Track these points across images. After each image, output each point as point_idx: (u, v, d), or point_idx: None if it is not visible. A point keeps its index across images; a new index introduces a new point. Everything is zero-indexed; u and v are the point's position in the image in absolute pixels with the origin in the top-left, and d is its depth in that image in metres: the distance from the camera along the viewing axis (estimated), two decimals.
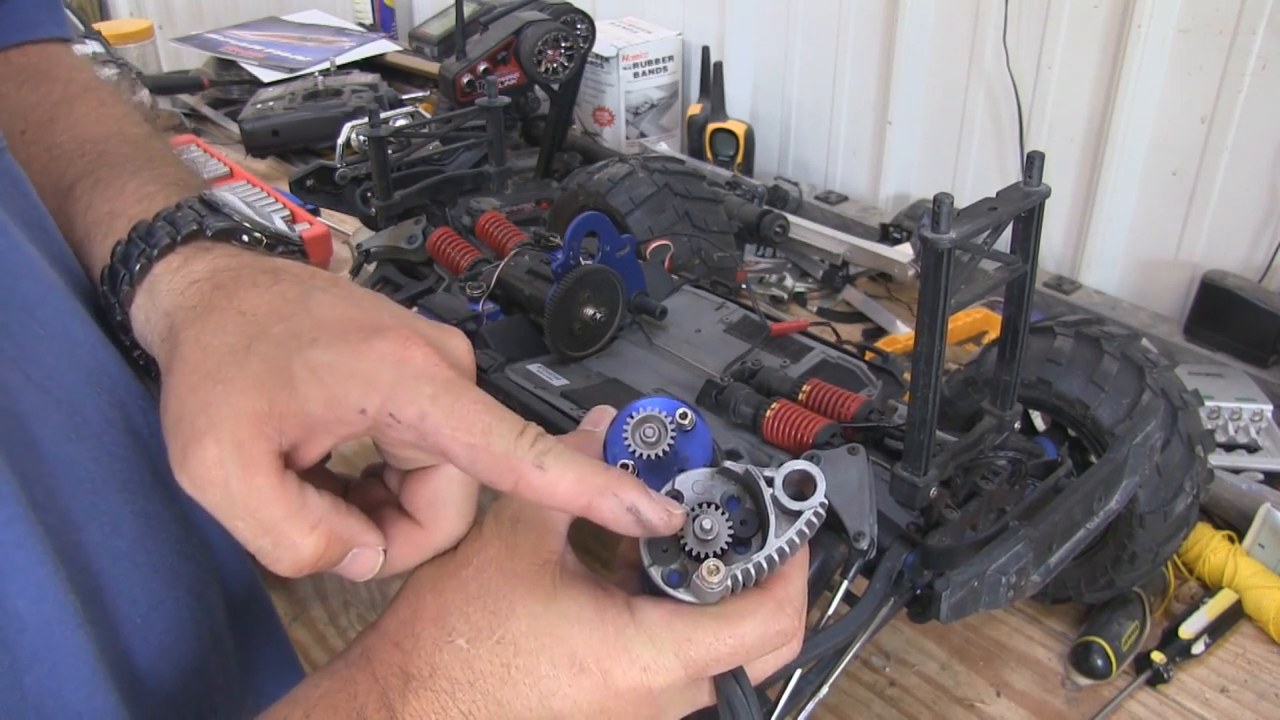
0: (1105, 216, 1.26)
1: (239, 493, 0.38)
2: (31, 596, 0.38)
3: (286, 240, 0.51)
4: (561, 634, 0.39)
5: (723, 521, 0.40)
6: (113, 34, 2.04)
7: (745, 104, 1.66)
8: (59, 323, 0.44)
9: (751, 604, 0.40)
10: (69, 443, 0.42)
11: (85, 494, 0.42)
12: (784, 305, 1.35)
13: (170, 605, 0.46)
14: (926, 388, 0.59)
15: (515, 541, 0.41)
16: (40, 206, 0.48)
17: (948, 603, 0.60)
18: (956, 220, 0.55)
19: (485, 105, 1.08)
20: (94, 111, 0.57)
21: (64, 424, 0.42)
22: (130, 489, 0.45)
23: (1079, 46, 1.23)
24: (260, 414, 0.38)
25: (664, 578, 0.40)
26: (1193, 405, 0.77)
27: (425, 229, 1.03)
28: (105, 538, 0.43)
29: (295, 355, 0.39)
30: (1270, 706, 0.80)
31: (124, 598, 0.43)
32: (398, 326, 0.40)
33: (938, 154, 1.45)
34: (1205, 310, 1.14)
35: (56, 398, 0.42)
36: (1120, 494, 0.69)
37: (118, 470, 0.44)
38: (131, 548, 0.44)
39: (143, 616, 0.44)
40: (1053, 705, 0.81)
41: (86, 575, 0.42)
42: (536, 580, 0.40)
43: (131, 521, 0.44)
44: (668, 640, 0.39)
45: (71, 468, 0.42)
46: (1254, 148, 1.12)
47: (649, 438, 0.42)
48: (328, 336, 0.39)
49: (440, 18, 2.05)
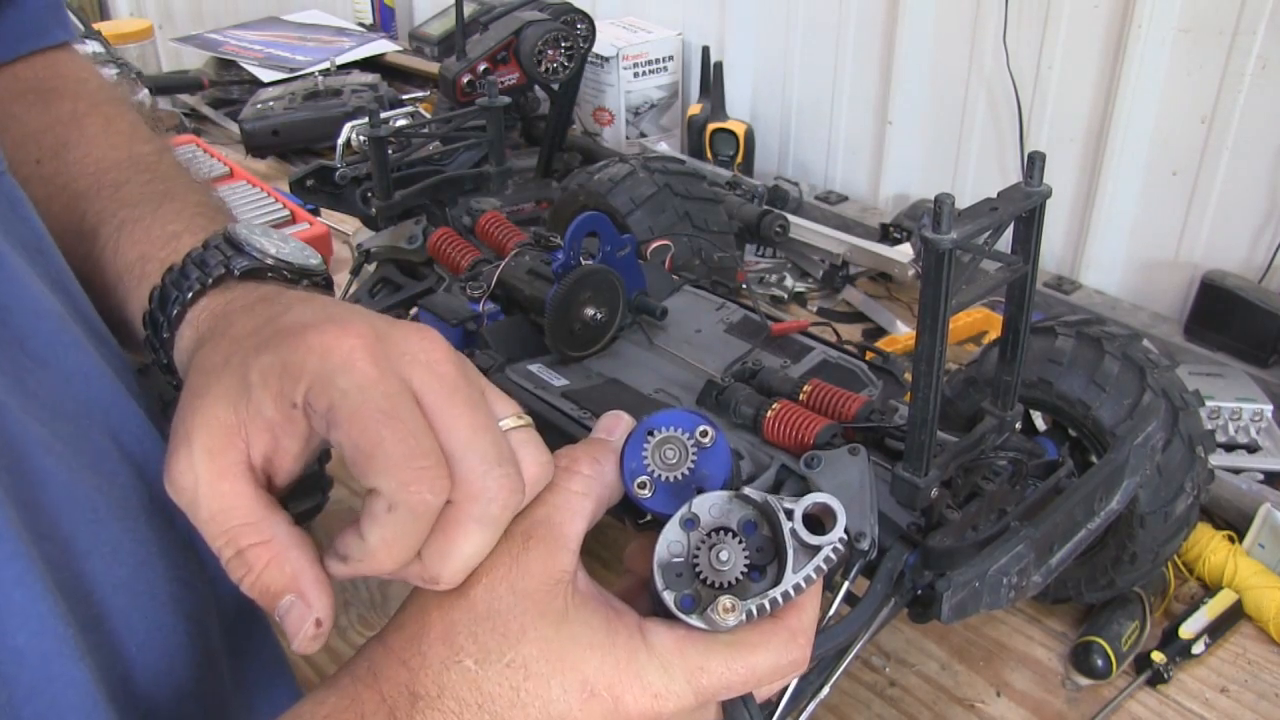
0: (1105, 216, 1.26)
1: (205, 496, 0.39)
2: (31, 631, 0.38)
3: (310, 274, 0.51)
4: (573, 659, 0.38)
5: (739, 552, 0.40)
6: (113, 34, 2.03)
7: (745, 104, 1.66)
8: (53, 352, 0.45)
9: (765, 634, 0.40)
10: (70, 472, 0.42)
11: (87, 523, 0.42)
12: (784, 305, 1.35)
13: (168, 631, 0.46)
14: (927, 388, 0.59)
15: (526, 559, 0.40)
16: (40, 229, 0.48)
17: (949, 603, 0.60)
18: (957, 220, 0.55)
19: (485, 105, 1.08)
20: (103, 132, 0.57)
21: (64, 453, 0.42)
22: (130, 516, 0.45)
23: (1079, 46, 1.23)
24: (229, 424, 0.39)
25: (677, 603, 0.39)
26: (1193, 406, 0.77)
27: (425, 229, 1.03)
28: (106, 567, 0.43)
29: (252, 362, 0.40)
30: (1270, 706, 0.80)
31: (123, 626, 0.43)
32: (341, 322, 0.40)
33: (938, 154, 1.45)
34: (1205, 310, 1.14)
35: (54, 428, 0.43)
36: (1121, 494, 0.69)
37: (117, 497, 0.45)
38: (131, 577, 0.44)
39: (140, 644, 0.44)
40: (1053, 705, 0.81)
41: (86, 605, 0.42)
42: (548, 602, 0.39)
43: (131, 549, 0.44)
44: (680, 668, 0.39)
45: (73, 497, 0.42)
46: (1254, 148, 1.12)
47: (669, 460, 0.42)
48: (277, 339, 0.40)
49: (440, 18, 2.05)
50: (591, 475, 0.42)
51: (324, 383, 0.38)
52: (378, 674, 0.39)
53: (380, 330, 0.40)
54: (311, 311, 0.42)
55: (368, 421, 0.37)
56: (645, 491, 0.42)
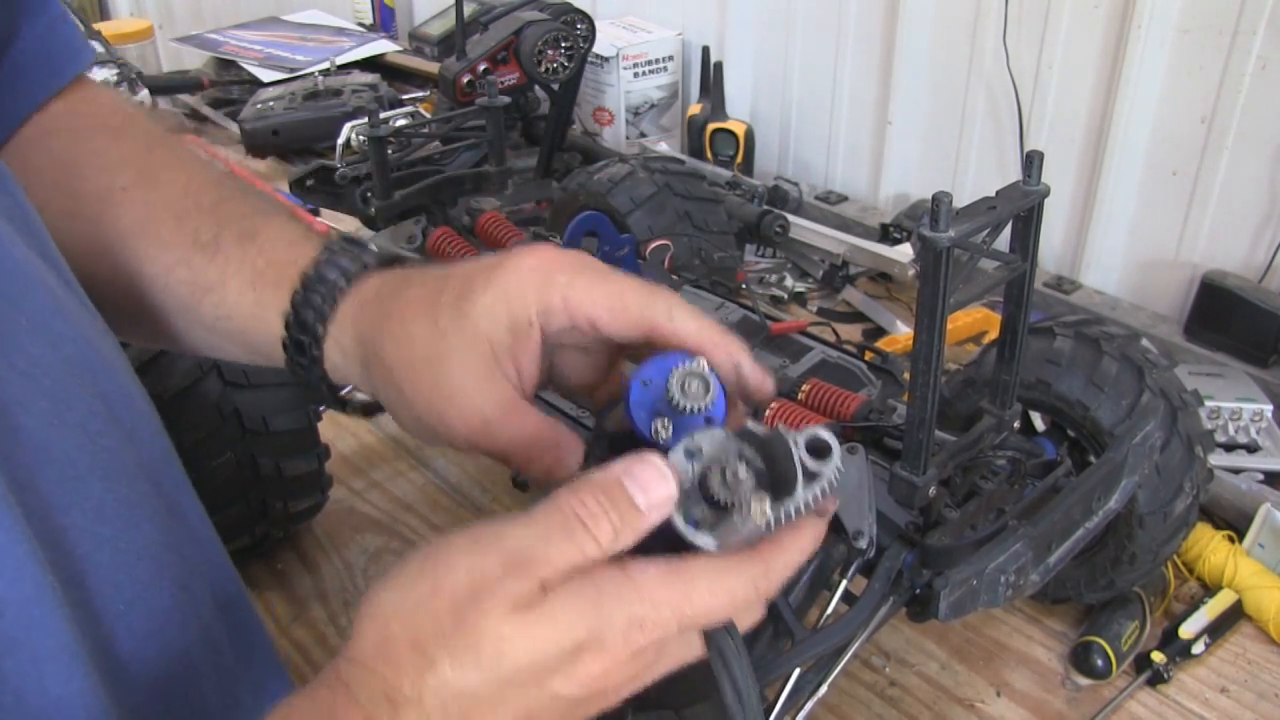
0: (1105, 216, 1.26)
1: (486, 406, 0.48)
2: (9, 577, 0.38)
3: (401, 259, 0.58)
4: (556, 648, 0.38)
5: (749, 472, 0.41)
6: (113, 34, 2.04)
7: (745, 104, 1.66)
8: (42, 317, 0.45)
9: (743, 561, 0.41)
10: (51, 429, 0.42)
11: (67, 479, 0.42)
12: (784, 305, 1.34)
13: (155, 594, 0.46)
14: (926, 386, 0.59)
15: (487, 576, 0.38)
16: (26, 205, 0.49)
17: (946, 601, 0.60)
18: (955, 219, 0.55)
19: (485, 105, 1.08)
20: (179, 160, 0.61)
21: (47, 411, 0.43)
22: (114, 477, 0.45)
23: (1079, 47, 1.23)
24: (485, 358, 0.47)
25: (686, 518, 0.41)
26: (1192, 405, 0.77)
27: (425, 229, 1.03)
28: (88, 524, 0.43)
29: (466, 308, 0.48)
30: (1270, 706, 0.80)
31: (107, 584, 0.43)
32: (516, 250, 0.49)
33: (938, 154, 1.45)
34: (1205, 310, 1.14)
35: (40, 385, 0.43)
36: (1119, 494, 0.69)
37: (101, 459, 0.45)
38: (115, 536, 0.44)
39: (126, 603, 0.44)
40: (1053, 705, 0.81)
41: (69, 560, 0.41)
42: (521, 617, 0.38)
43: (115, 509, 0.44)
44: (664, 598, 0.39)
45: (53, 454, 0.42)
46: (1254, 148, 1.12)
47: (693, 392, 0.44)
48: (479, 280, 0.48)
49: (440, 18, 2.05)
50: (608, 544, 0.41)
51: (550, 287, 0.47)
52: (350, 684, 0.38)
53: (545, 245, 0.51)
54: (465, 263, 0.51)
55: (607, 286, 0.48)
56: (664, 432, 0.44)
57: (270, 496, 0.90)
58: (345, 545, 1.00)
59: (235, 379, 0.85)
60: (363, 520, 1.03)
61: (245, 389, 0.86)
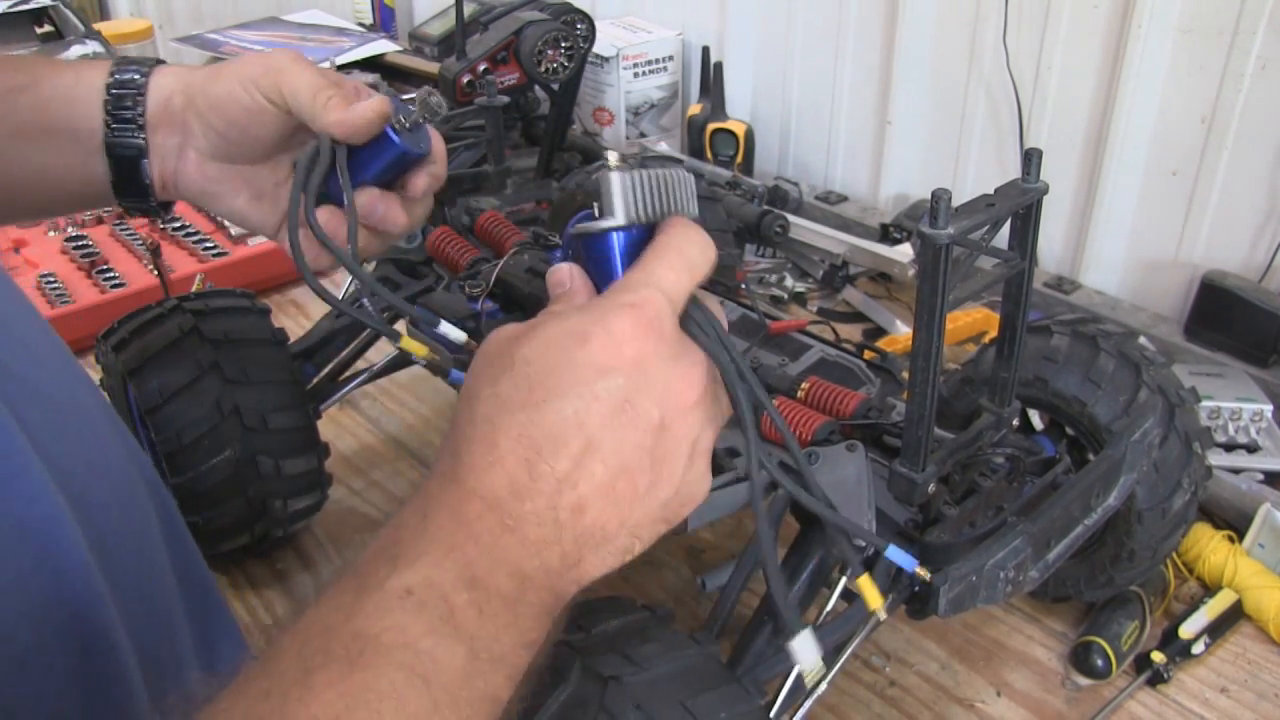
0: (1105, 216, 1.26)
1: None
2: (29, 498, 0.43)
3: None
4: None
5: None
6: (113, 34, 2.04)
7: (745, 104, 1.66)
8: (23, 327, 0.52)
9: (669, 233, 0.52)
10: (22, 366, 0.49)
11: (44, 409, 0.48)
12: (784, 305, 1.35)
13: (130, 519, 0.52)
14: (924, 383, 0.59)
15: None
16: None
17: (945, 597, 0.60)
18: (955, 216, 0.55)
19: (485, 105, 1.08)
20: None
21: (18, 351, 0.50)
22: (84, 412, 0.53)
23: (1079, 47, 1.23)
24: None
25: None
26: (1189, 402, 0.77)
27: (424, 228, 1.03)
28: (73, 449, 0.49)
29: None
30: (1270, 706, 0.80)
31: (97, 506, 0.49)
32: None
33: (938, 154, 1.45)
34: (1205, 310, 1.14)
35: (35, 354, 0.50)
36: (1118, 491, 0.69)
37: (80, 399, 0.53)
38: (99, 461, 0.51)
39: (115, 530, 0.50)
40: (1053, 705, 0.81)
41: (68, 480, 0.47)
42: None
43: (92, 442, 0.52)
44: (639, 279, 0.47)
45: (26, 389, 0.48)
46: (1254, 148, 1.12)
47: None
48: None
49: (440, 18, 2.05)
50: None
51: (282, 74, 0.62)
52: (461, 482, 0.43)
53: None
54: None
55: (310, 79, 0.61)
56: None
57: (270, 495, 0.89)
58: (345, 545, 1.00)
59: (235, 377, 0.85)
60: (363, 520, 1.03)
61: (245, 386, 0.86)
